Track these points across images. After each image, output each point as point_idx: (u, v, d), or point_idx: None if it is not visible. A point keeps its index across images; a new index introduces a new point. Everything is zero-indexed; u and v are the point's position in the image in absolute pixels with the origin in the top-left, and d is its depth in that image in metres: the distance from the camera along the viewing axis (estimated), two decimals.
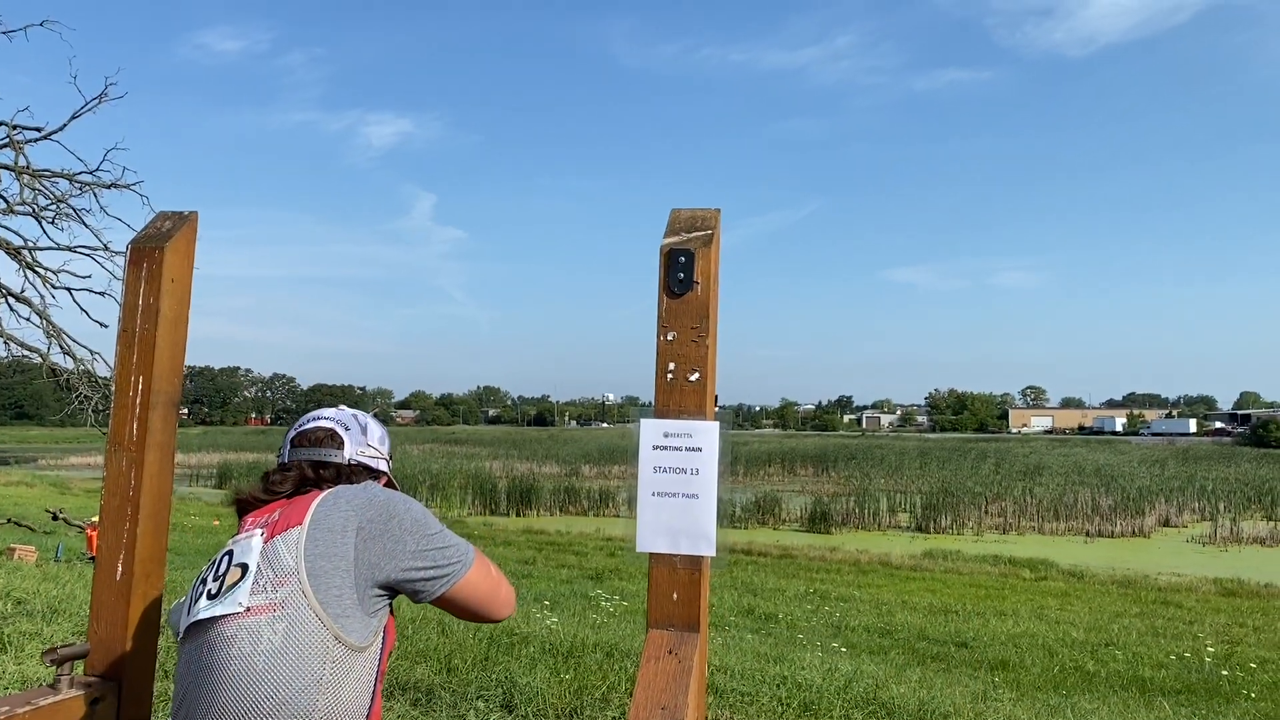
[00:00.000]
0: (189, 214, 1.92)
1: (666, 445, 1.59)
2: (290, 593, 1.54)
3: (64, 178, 16.50)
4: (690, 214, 1.66)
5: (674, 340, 1.58)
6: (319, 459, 1.78)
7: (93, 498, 32.29)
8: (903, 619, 14.51)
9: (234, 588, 1.57)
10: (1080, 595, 18.59)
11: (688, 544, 1.57)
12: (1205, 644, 12.96)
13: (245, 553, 1.61)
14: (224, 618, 1.55)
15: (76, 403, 15.86)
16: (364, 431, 1.86)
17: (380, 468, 1.86)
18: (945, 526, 31.22)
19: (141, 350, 1.82)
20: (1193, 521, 33.05)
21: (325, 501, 1.65)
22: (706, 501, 1.57)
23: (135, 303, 1.84)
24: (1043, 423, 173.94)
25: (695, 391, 1.58)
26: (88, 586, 8.44)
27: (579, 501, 36.38)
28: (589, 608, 12.26)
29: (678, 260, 1.58)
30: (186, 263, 1.91)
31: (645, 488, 1.59)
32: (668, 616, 1.56)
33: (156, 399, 1.82)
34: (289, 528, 1.61)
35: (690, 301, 1.58)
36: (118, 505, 1.80)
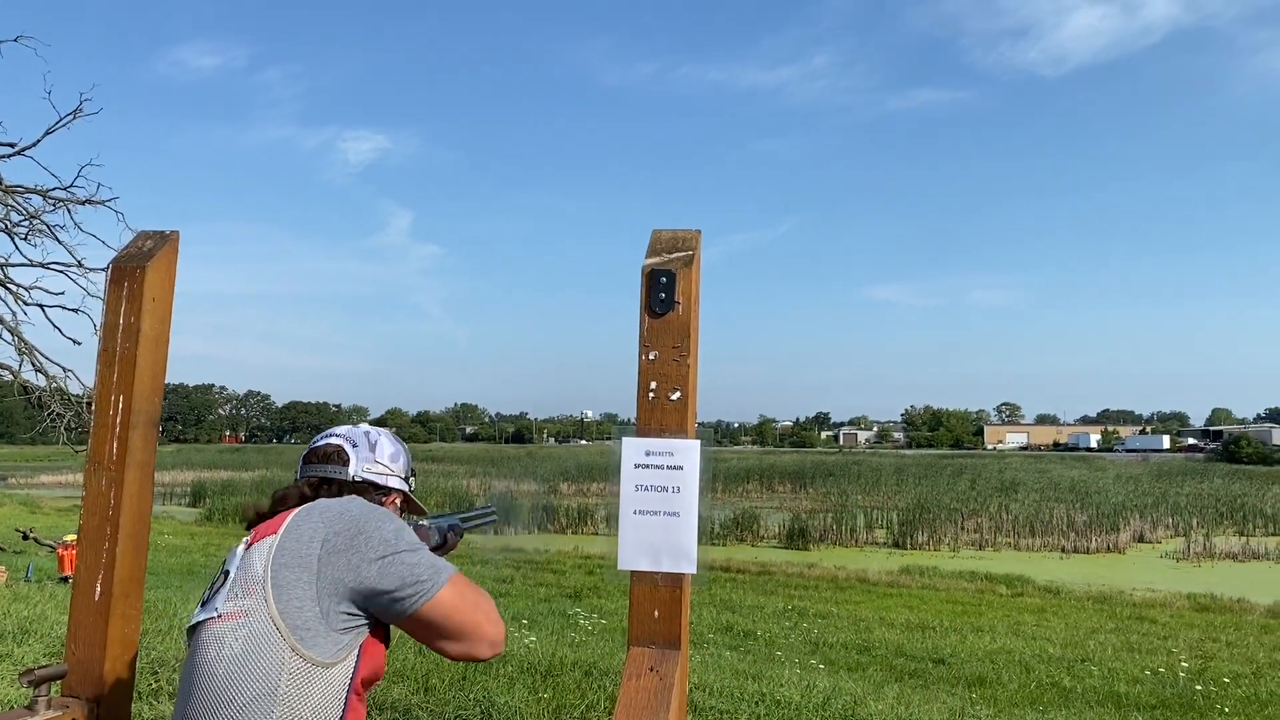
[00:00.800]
0: (170, 233, 1.93)
1: (648, 464, 1.61)
2: (255, 602, 1.55)
3: (37, 194, 16.36)
4: (671, 235, 1.68)
5: (656, 359, 1.60)
6: (323, 475, 1.79)
7: (64, 517, 31.91)
8: (880, 635, 14.53)
9: (217, 593, 1.62)
10: (1056, 611, 18.68)
11: (669, 562, 1.58)
12: (1180, 659, 13.05)
13: (230, 560, 1.66)
14: (205, 622, 1.59)
15: (49, 420, 15.69)
16: (372, 448, 1.86)
17: (390, 484, 1.86)
18: (922, 543, 31.30)
19: (122, 369, 1.82)
20: (1167, 537, 33.30)
21: (301, 512, 1.66)
22: (688, 519, 1.58)
23: (116, 322, 1.84)
24: (1018, 439, 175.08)
25: (677, 410, 1.59)
26: (59, 607, 8.34)
27: (557, 519, 36.23)
28: (567, 626, 12.21)
29: (659, 280, 1.60)
30: (168, 282, 1.91)
31: (627, 506, 1.61)
32: (649, 634, 1.57)
33: (137, 418, 1.82)
34: (265, 537, 1.63)
35: (671, 321, 1.60)
36: (97, 524, 1.80)
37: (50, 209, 16.30)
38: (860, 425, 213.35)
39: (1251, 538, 32.21)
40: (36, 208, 16.43)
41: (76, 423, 16.47)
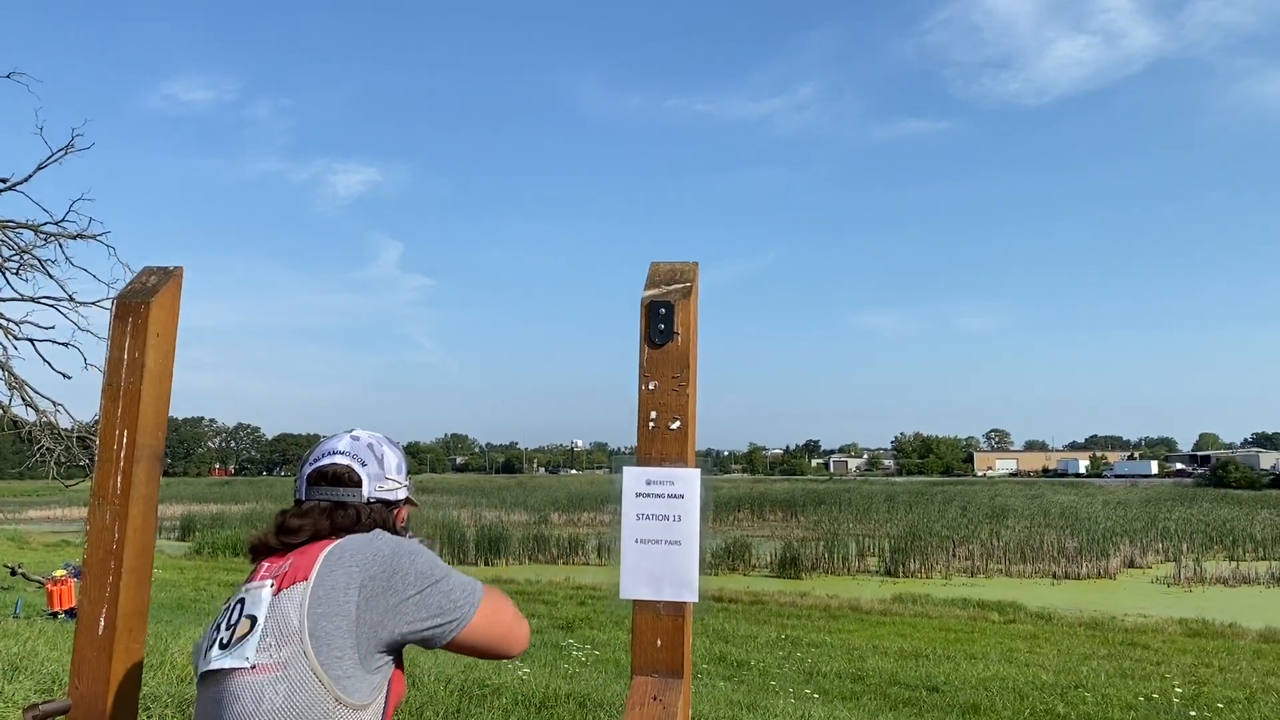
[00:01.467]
0: (174, 269, 1.95)
1: (649, 493, 1.63)
2: (293, 654, 1.54)
3: (29, 228, 16.37)
4: (669, 267, 1.71)
5: (655, 389, 1.62)
6: (337, 499, 1.76)
7: (52, 552, 31.66)
8: (874, 664, 14.49)
9: (243, 641, 1.57)
10: (1049, 637, 18.65)
11: (670, 590, 1.60)
12: (1173, 685, 13.04)
13: (255, 604, 1.61)
14: (233, 671, 1.56)
15: (39, 455, 15.59)
16: (381, 464, 1.83)
17: (399, 497, 1.85)
18: (914, 570, 31.23)
19: (126, 404, 1.83)
20: (1157, 562, 33.30)
21: (331, 556, 1.63)
22: (689, 548, 1.60)
23: (120, 357, 1.85)
24: (1007, 465, 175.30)
25: (677, 439, 1.62)
26: (50, 643, 8.27)
27: (548, 550, 36.06)
28: (560, 657, 12.16)
29: (658, 312, 1.63)
30: (171, 317, 1.93)
31: (628, 535, 1.62)
32: (651, 663, 1.58)
33: (141, 453, 1.84)
34: (295, 582, 1.60)
35: (671, 352, 1.63)
36: (101, 559, 1.80)
37: (41, 243, 16.30)
38: (850, 453, 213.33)
39: (1241, 562, 32.23)
40: (27, 242, 16.43)
41: (67, 457, 16.38)
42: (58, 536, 41.73)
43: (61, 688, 6.49)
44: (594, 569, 32.81)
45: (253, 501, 61.26)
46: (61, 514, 57.14)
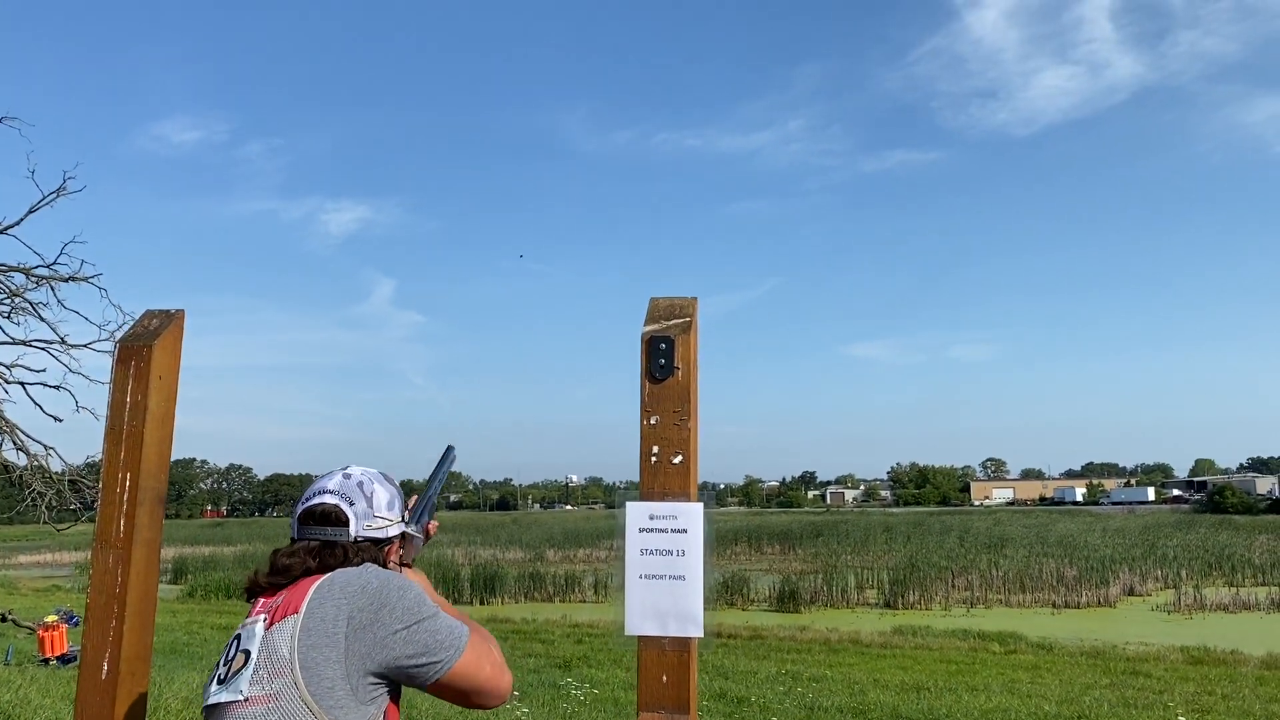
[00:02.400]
0: (175, 312, 1.96)
1: (652, 528, 1.63)
2: (284, 685, 1.56)
3: (20, 272, 16.40)
4: (669, 302, 1.72)
5: (657, 424, 1.64)
6: (325, 539, 1.77)
7: (42, 598, 31.37)
8: (875, 698, 14.39)
9: (238, 675, 1.61)
10: (1050, 667, 18.54)
11: (676, 626, 1.60)
12: (1177, 713, 12.96)
13: (249, 639, 1.65)
14: (230, 704, 1.59)
15: (30, 499, 15.52)
16: (370, 501, 1.83)
17: (389, 534, 1.84)
18: (913, 602, 31.08)
19: (129, 447, 1.84)
20: (1157, 590, 33.20)
21: (320, 589, 1.66)
22: (693, 583, 1.61)
23: (123, 400, 1.86)
24: (1004, 494, 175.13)
25: (679, 474, 1.63)
26: (42, 690, 8.19)
27: (544, 588, 35.82)
28: (559, 697, 12.05)
29: (659, 347, 1.65)
30: (174, 360, 1.95)
31: (632, 570, 1.63)
32: (658, 699, 1.58)
33: (144, 495, 1.84)
34: (286, 615, 1.63)
35: (671, 386, 1.64)
36: (104, 603, 1.80)
37: (33, 286, 16.33)
38: (847, 484, 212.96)
39: (1241, 588, 32.14)
40: (19, 285, 16.45)
41: (58, 501, 16.31)
42: (48, 581, 41.37)
43: None
44: (591, 606, 32.60)
45: (245, 543, 60.82)
46: (52, 558, 56.69)
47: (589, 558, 50.13)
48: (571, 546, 54.51)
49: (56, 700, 7.59)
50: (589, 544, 56.14)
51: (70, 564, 51.75)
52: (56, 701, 7.52)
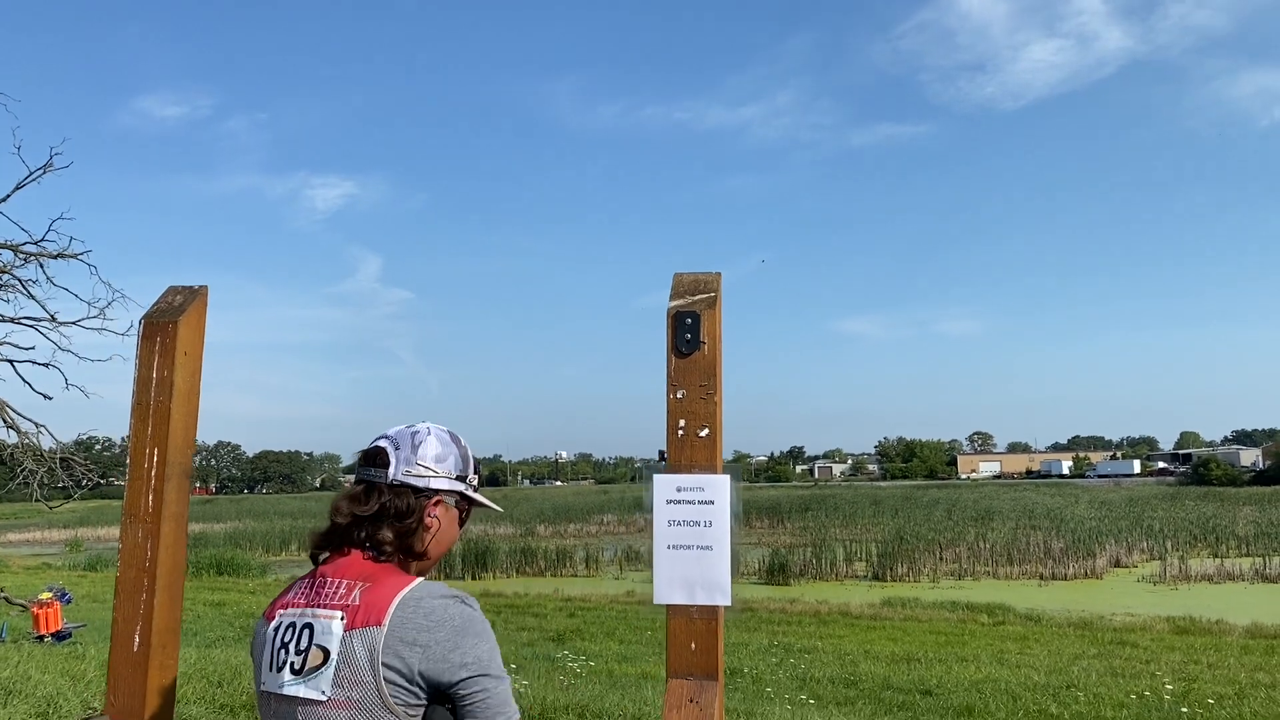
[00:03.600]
0: (199, 288, 1.97)
1: (679, 499, 1.66)
2: (366, 694, 1.61)
3: (8, 248, 16.27)
4: (693, 278, 1.74)
5: (683, 398, 1.66)
6: (368, 479, 1.80)
7: (33, 575, 31.32)
8: (866, 669, 14.54)
9: (316, 673, 1.65)
10: (1038, 638, 18.75)
11: (704, 595, 1.63)
12: (1163, 682, 13.13)
13: (326, 635, 1.67)
14: (308, 700, 1.64)
15: (22, 478, 15.46)
16: (415, 449, 1.83)
17: (433, 486, 1.83)
18: (902, 574, 31.37)
19: (156, 423, 1.85)
20: (1143, 561, 33.56)
21: (405, 607, 1.66)
22: (720, 553, 1.64)
23: (149, 376, 1.87)
24: (991, 468, 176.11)
25: (705, 446, 1.65)
26: (41, 667, 8.20)
27: (536, 562, 36.01)
28: (554, 669, 12.15)
29: (684, 321, 1.67)
30: (198, 336, 1.96)
31: (660, 541, 1.66)
32: (686, 666, 1.61)
33: (171, 470, 1.86)
34: (368, 625, 1.65)
35: (697, 360, 1.66)
36: (134, 576, 1.82)
37: (21, 263, 16.21)
38: (835, 458, 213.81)
39: (1226, 559, 32.53)
40: (6, 262, 16.34)
41: (49, 479, 16.26)
42: (38, 559, 41.32)
43: (57, 710, 6.45)
44: (582, 580, 32.79)
45: (235, 520, 60.84)
46: (41, 536, 56.63)
47: (579, 533, 50.39)
48: (562, 522, 54.77)
49: (56, 676, 7.61)
50: (579, 519, 56.40)
51: (59, 542, 51.71)
52: (56, 678, 7.53)
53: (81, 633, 14.42)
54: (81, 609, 18.71)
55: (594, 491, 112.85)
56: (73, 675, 7.66)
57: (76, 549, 46.08)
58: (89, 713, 1.79)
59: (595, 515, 59.01)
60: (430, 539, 1.83)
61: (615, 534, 50.19)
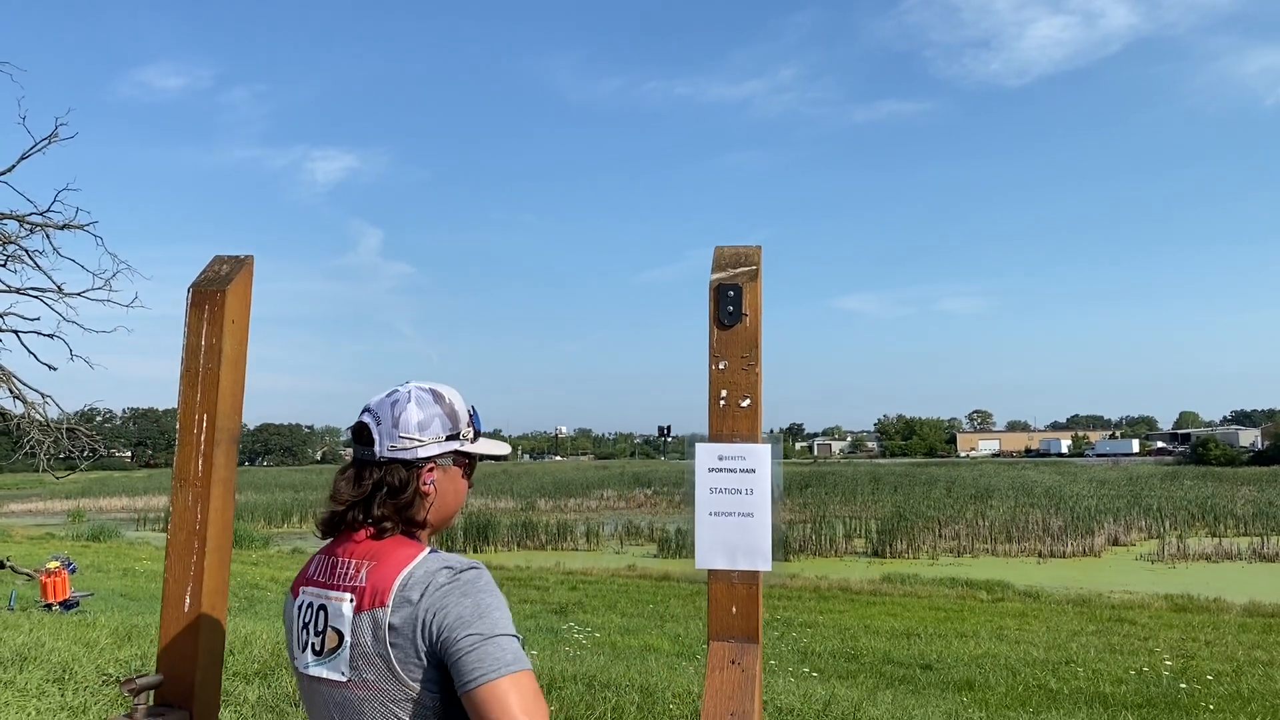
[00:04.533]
0: (245, 258, 2.00)
1: (721, 468, 1.70)
2: (380, 674, 1.63)
3: (13, 219, 16.25)
4: (734, 251, 1.78)
5: (725, 369, 1.69)
6: (360, 458, 1.77)
7: (37, 545, 31.46)
8: (867, 643, 14.65)
9: (334, 655, 1.67)
10: (1037, 615, 18.88)
11: (745, 560, 1.67)
12: (1162, 659, 13.25)
13: (338, 618, 1.68)
14: (333, 681, 1.67)
15: (29, 448, 15.52)
16: (395, 422, 1.75)
17: (420, 455, 1.76)
18: (901, 551, 31.52)
19: (205, 389, 1.89)
20: (1141, 540, 33.71)
21: (408, 585, 1.65)
22: (761, 519, 1.68)
23: (198, 343, 1.91)
24: (990, 446, 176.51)
25: (747, 416, 1.69)
26: (55, 634, 8.29)
27: (537, 536, 36.18)
28: (559, 641, 12.26)
29: (726, 294, 1.70)
30: (245, 305, 1.99)
31: (702, 508, 1.69)
32: (728, 629, 1.66)
33: (220, 436, 1.89)
34: (374, 607, 1.64)
35: (739, 333, 1.70)
36: (184, 539, 1.86)
37: (27, 234, 16.19)
38: (834, 435, 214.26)
39: (1224, 538, 32.67)
40: (12, 233, 16.32)
41: (55, 449, 16.31)
42: (41, 530, 41.46)
43: (72, 676, 6.52)
44: (583, 554, 32.95)
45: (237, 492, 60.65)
46: (43, 507, 56.75)
47: (580, 507, 50.55)
48: (562, 496, 54.95)
49: (69, 643, 7.68)
50: (579, 494, 56.60)
51: (62, 512, 51.86)
52: (69, 644, 7.61)
53: (89, 602, 14.53)
54: (86, 579, 18.83)
55: (593, 467, 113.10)
56: (86, 642, 7.74)
57: (79, 520, 46.25)
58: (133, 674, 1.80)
59: (595, 490, 59.22)
60: (430, 506, 1.78)
61: (615, 509, 50.37)
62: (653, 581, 24.60)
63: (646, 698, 6.63)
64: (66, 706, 5.79)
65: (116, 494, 64.22)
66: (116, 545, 34.21)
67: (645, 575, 25.94)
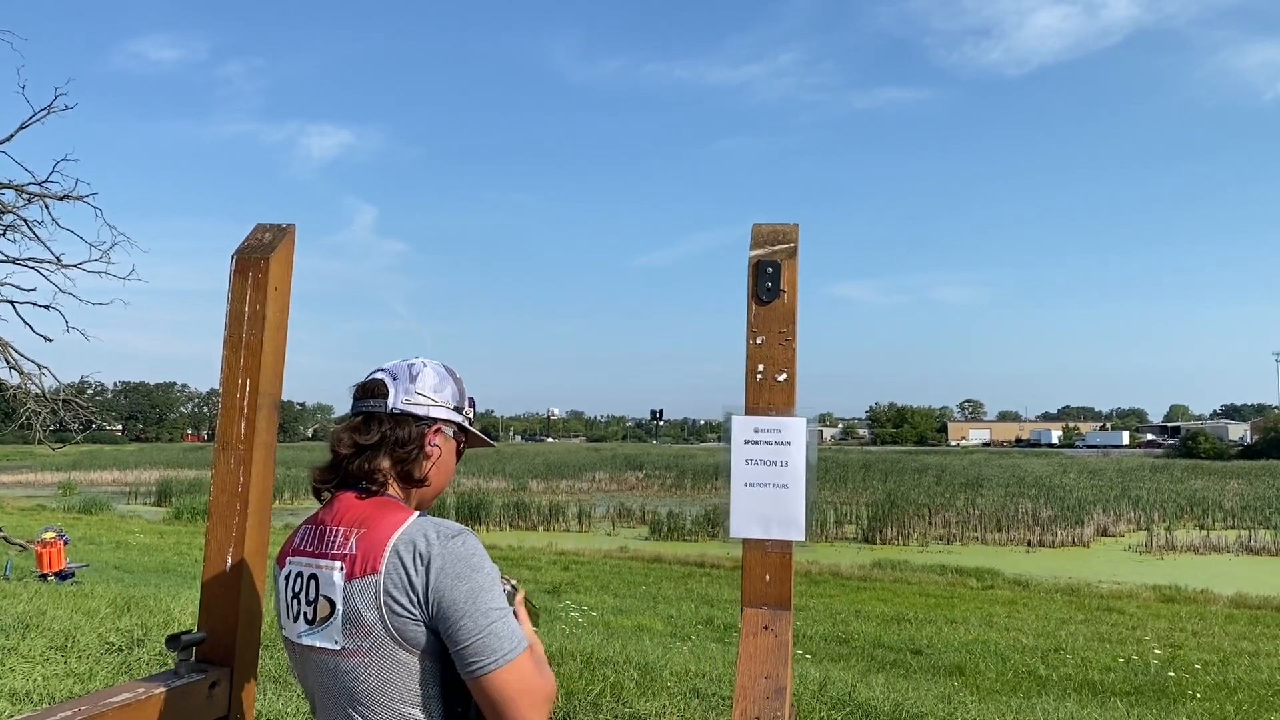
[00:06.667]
0: (286, 226, 2.04)
1: (757, 440, 1.74)
2: (375, 641, 1.64)
3: (11, 188, 16.19)
4: (771, 228, 1.82)
5: (762, 344, 1.74)
6: (366, 410, 1.80)
7: (28, 516, 31.48)
8: (858, 627, 14.76)
9: (326, 623, 1.68)
10: (1027, 603, 19.02)
11: (779, 530, 1.72)
12: (1151, 648, 13.38)
13: (329, 587, 1.69)
14: (325, 650, 1.68)
15: (25, 418, 15.50)
16: (413, 379, 1.84)
17: (433, 415, 1.83)
18: (891, 537, 31.70)
19: (248, 354, 1.92)
20: (1129, 531, 33.94)
21: (398, 549, 1.67)
22: (795, 491, 1.72)
23: (241, 309, 1.94)
24: (981, 435, 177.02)
25: (783, 390, 1.73)
26: (57, 603, 8.33)
27: (529, 516, 36.31)
28: (554, 619, 12.33)
29: (765, 270, 1.74)
30: (286, 272, 2.02)
31: (738, 479, 1.74)
32: (761, 596, 1.70)
33: (262, 400, 1.93)
34: (366, 574, 1.65)
35: (777, 308, 1.74)
36: (227, 501, 1.90)
37: (24, 204, 16.13)
38: (825, 422, 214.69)
39: (1211, 531, 32.92)
40: (10, 203, 16.26)
41: (52, 419, 16.30)
42: (31, 501, 41.44)
43: (75, 644, 6.57)
44: (575, 535, 33.08)
45: None
46: (33, 478, 56.71)
47: (572, 489, 50.70)
48: (554, 477, 55.08)
49: (69, 612, 7.72)
50: (572, 475, 56.72)
51: (52, 484, 51.84)
52: (70, 613, 7.65)
53: (84, 573, 14.56)
54: (79, 551, 18.84)
55: (586, 449, 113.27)
56: (87, 611, 7.78)
57: (70, 492, 46.25)
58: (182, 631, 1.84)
59: (587, 472, 59.36)
60: (431, 466, 1.84)
61: (607, 491, 50.52)
62: (644, 563, 24.73)
63: (644, 674, 6.70)
64: (72, 673, 5.83)
65: (107, 467, 64.21)
66: (108, 518, 34.24)
67: (637, 557, 26.06)
